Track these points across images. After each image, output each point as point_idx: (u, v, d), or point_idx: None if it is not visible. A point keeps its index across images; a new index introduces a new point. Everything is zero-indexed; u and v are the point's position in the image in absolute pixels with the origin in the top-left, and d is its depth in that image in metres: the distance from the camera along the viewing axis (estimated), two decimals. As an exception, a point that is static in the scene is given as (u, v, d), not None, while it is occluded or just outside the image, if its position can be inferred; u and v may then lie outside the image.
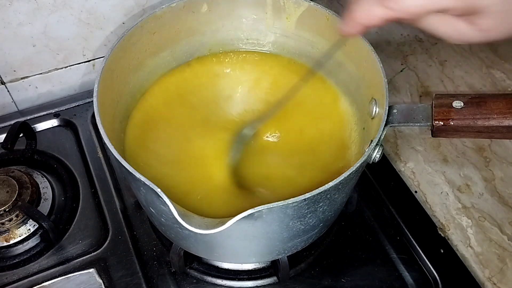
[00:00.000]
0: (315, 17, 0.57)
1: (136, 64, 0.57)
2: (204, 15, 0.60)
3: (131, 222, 0.61)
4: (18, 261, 0.58)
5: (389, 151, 0.68)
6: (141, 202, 0.53)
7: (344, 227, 0.62)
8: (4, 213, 0.57)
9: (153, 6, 0.70)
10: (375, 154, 0.45)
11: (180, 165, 0.55)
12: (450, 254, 0.59)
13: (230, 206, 0.52)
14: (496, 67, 0.77)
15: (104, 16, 0.68)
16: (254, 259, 0.55)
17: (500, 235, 0.60)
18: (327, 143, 0.57)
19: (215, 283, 0.57)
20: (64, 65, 0.72)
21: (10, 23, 0.64)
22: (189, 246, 0.52)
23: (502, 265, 0.57)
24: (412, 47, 0.80)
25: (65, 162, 0.66)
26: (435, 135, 0.46)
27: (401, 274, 0.58)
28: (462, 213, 0.62)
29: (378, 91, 0.50)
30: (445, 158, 0.67)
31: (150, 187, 0.40)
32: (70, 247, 0.59)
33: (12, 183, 0.59)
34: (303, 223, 0.46)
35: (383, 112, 0.46)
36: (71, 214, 0.61)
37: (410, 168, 0.66)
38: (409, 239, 0.60)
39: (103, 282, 0.55)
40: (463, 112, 0.45)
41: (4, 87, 0.71)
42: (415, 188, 0.64)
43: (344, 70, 0.58)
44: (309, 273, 0.58)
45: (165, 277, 0.57)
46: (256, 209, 0.39)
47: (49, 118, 0.71)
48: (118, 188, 0.64)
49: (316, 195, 0.41)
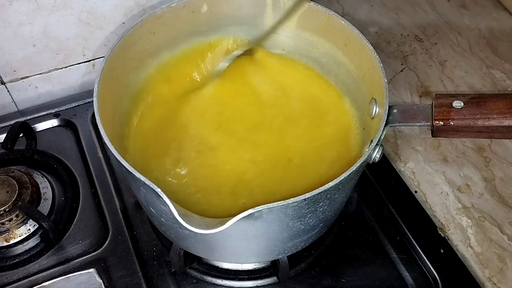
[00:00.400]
0: (315, 17, 0.57)
1: (136, 64, 0.57)
2: (204, 15, 0.60)
3: (131, 222, 0.61)
4: (18, 261, 0.58)
5: (389, 151, 0.68)
6: (141, 202, 0.53)
7: (344, 227, 0.62)
8: (4, 213, 0.57)
9: (153, 6, 0.70)
10: (375, 154, 0.45)
11: (181, 164, 0.55)
12: (450, 254, 0.59)
13: (231, 206, 0.52)
14: (496, 67, 0.77)
15: (104, 16, 0.68)
16: (254, 259, 0.55)
17: (500, 235, 0.60)
18: (327, 143, 0.57)
19: (215, 283, 0.57)
20: (64, 65, 0.72)
21: (10, 23, 0.64)
22: (189, 246, 0.52)
23: (502, 265, 0.57)
24: (412, 47, 0.80)
25: (65, 162, 0.66)
26: (435, 135, 0.46)
27: (401, 274, 0.58)
28: (462, 213, 0.62)
29: (378, 91, 0.50)
30: (445, 158, 0.67)
31: (150, 187, 0.40)
32: (70, 247, 0.59)
33: (12, 183, 0.59)
34: (303, 223, 0.46)
35: (383, 112, 0.46)
36: (71, 214, 0.61)
37: (410, 168, 0.66)
38: (409, 239, 0.60)
39: (103, 282, 0.55)
40: (463, 112, 0.45)
41: (4, 87, 0.71)
42: (415, 188, 0.64)
43: (344, 70, 0.58)
44: (309, 273, 0.58)
45: (165, 277, 0.57)
46: (256, 209, 0.39)
47: (49, 118, 0.71)
48: (118, 188, 0.64)
49: (316, 195, 0.41)
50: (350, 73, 0.58)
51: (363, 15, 0.85)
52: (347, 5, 0.87)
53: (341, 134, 0.58)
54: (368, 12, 0.86)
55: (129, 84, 0.57)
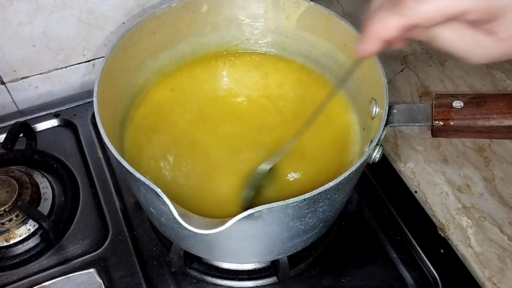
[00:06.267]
0: (315, 17, 0.57)
1: (136, 64, 0.57)
2: (204, 15, 0.60)
3: (131, 222, 0.61)
4: (18, 261, 0.58)
5: (389, 151, 0.68)
6: (141, 202, 0.53)
7: (344, 227, 0.62)
8: (4, 213, 0.57)
9: (153, 6, 0.70)
10: (375, 154, 0.45)
11: (181, 164, 0.55)
12: (450, 254, 0.59)
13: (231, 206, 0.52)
14: (496, 67, 0.77)
15: (104, 16, 0.68)
16: (254, 259, 0.55)
17: (500, 235, 0.60)
18: (327, 143, 0.57)
19: (215, 283, 0.57)
20: (64, 65, 0.72)
21: (10, 23, 0.64)
22: (189, 246, 0.52)
23: (502, 265, 0.57)
24: (412, 47, 0.80)
25: (65, 162, 0.66)
26: (435, 135, 0.46)
27: (401, 274, 0.58)
28: (462, 213, 0.62)
29: (378, 91, 0.50)
30: (445, 158, 0.67)
31: (150, 187, 0.40)
32: (70, 247, 0.59)
33: (12, 183, 0.59)
34: (303, 223, 0.46)
35: (383, 112, 0.46)
36: (71, 214, 0.61)
37: (410, 168, 0.66)
38: (409, 239, 0.60)
39: (103, 282, 0.55)
40: (463, 112, 0.45)
41: (4, 87, 0.71)
42: (415, 188, 0.64)
43: (344, 70, 0.58)
44: (309, 273, 0.58)
45: (165, 277, 0.57)
46: (256, 209, 0.39)
47: (49, 118, 0.71)
48: (118, 188, 0.64)
49: (316, 195, 0.41)
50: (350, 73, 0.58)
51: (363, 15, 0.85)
52: (347, 5, 0.87)
53: (341, 134, 0.58)
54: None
55: (129, 84, 0.57)
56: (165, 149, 0.56)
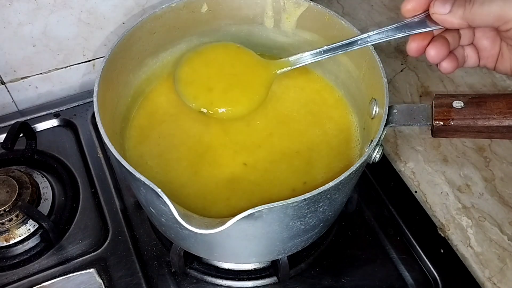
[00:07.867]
0: (315, 17, 0.57)
1: (136, 64, 0.57)
2: (204, 15, 0.60)
3: (131, 222, 0.61)
4: (18, 261, 0.58)
5: (389, 151, 0.68)
6: (141, 202, 0.53)
7: (344, 227, 0.62)
8: (4, 213, 0.57)
9: (153, 6, 0.70)
10: (375, 154, 0.45)
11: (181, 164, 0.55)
12: (450, 254, 0.59)
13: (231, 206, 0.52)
14: (496, 67, 0.77)
15: (104, 16, 0.68)
16: (254, 259, 0.55)
17: (500, 235, 0.60)
18: (327, 144, 0.57)
19: (215, 283, 0.57)
20: (64, 65, 0.72)
21: (10, 23, 0.64)
22: (189, 246, 0.52)
23: (502, 265, 0.57)
24: (412, 47, 0.80)
25: (65, 162, 0.66)
26: (435, 135, 0.46)
27: (401, 274, 0.58)
28: (462, 213, 0.62)
29: (378, 91, 0.50)
30: (445, 158, 0.67)
31: (150, 187, 0.40)
32: (70, 247, 0.59)
33: (12, 183, 0.59)
34: (303, 223, 0.46)
35: (383, 112, 0.46)
36: (71, 214, 0.61)
37: (410, 168, 0.66)
38: (409, 239, 0.60)
39: (103, 282, 0.55)
40: (463, 112, 0.45)
41: (4, 87, 0.71)
42: (415, 188, 0.64)
43: (344, 70, 0.58)
44: (309, 273, 0.58)
45: (165, 277, 0.57)
46: (256, 209, 0.39)
47: (49, 118, 0.71)
48: (118, 188, 0.64)
49: (316, 195, 0.41)
50: (350, 73, 0.58)
51: (363, 15, 0.85)
52: (347, 5, 0.87)
53: (341, 134, 0.58)
54: (368, 12, 0.86)
55: (129, 84, 0.57)
56: (166, 149, 0.56)
